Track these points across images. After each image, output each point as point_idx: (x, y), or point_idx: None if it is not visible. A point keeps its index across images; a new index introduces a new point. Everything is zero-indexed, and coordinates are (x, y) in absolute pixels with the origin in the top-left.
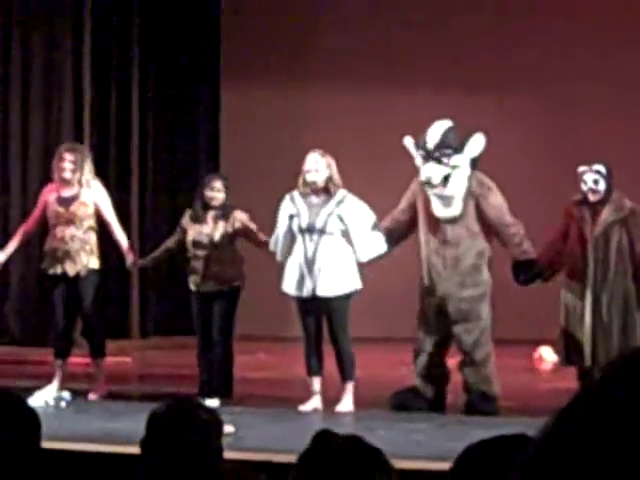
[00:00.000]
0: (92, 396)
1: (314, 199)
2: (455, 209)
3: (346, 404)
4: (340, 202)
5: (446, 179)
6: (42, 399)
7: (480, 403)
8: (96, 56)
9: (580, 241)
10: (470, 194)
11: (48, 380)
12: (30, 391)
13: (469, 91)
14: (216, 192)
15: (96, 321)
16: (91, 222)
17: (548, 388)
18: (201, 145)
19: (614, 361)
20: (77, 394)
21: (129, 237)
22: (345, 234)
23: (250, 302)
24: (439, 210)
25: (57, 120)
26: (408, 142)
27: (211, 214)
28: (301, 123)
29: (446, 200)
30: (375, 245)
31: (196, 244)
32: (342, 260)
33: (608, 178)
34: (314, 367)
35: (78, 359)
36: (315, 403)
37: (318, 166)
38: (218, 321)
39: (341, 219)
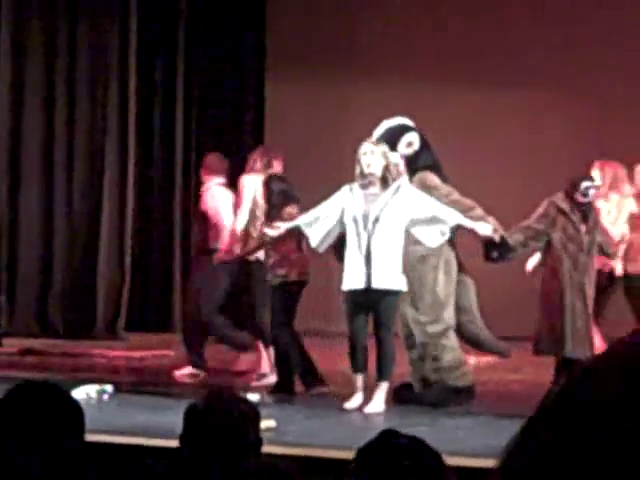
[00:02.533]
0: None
1: (371, 189)
2: None
3: (377, 404)
4: (396, 191)
5: None
6: (84, 392)
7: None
8: (141, 55)
9: (576, 234)
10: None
11: (91, 372)
12: (74, 384)
13: (508, 86)
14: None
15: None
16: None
17: None
18: (245, 141)
19: (598, 358)
20: (119, 387)
21: (172, 237)
22: (399, 225)
23: None
24: None
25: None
26: None
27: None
28: (344, 117)
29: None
30: (432, 234)
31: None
32: (397, 254)
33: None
34: (359, 364)
35: (119, 352)
36: (358, 400)
37: (375, 157)
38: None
39: (397, 209)
